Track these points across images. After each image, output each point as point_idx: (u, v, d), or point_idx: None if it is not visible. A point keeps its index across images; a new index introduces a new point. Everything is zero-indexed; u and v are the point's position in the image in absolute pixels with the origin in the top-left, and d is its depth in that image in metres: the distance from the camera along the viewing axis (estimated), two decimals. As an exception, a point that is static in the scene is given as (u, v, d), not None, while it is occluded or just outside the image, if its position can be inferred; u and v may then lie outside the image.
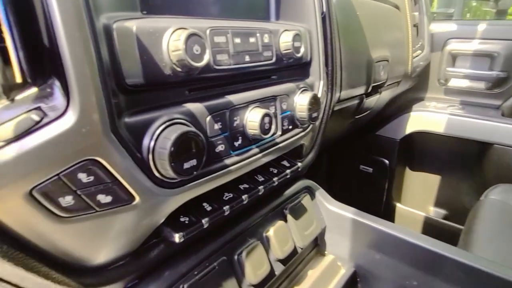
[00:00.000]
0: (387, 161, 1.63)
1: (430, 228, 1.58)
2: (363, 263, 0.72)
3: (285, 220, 0.65)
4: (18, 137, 0.29)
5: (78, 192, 0.33)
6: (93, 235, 0.37)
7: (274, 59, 0.54)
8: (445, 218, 1.60)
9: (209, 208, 0.50)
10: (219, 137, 0.45)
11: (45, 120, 0.30)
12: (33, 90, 0.30)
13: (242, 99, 0.49)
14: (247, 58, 0.49)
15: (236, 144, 0.49)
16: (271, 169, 0.63)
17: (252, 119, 0.49)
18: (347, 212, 0.70)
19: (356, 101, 1.04)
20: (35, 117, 0.30)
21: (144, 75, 0.37)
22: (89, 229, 0.36)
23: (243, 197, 0.53)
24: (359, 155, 1.72)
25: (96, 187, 0.34)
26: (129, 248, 0.42)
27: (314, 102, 0.60)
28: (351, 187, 1.75)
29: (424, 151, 1.60)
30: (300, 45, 0.57)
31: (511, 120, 1.28)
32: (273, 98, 0.55)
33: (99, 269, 0.40)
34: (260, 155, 0.53)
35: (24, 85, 0.30)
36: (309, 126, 0.65)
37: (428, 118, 1.46)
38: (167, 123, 0.38)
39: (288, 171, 0.64)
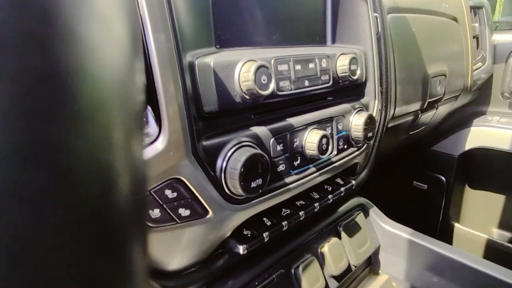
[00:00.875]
0: (443, 178, 1.55)
1: (493, 252, 1.46)
2: (419, 285, 0.70)
3: (339, 237, 0.67)
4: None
5: (165, 206, 0.38)
6: (172, 244, 0.42)
7: (331, 82, 0.57)
8: (511, 241, 1.47)
9: (269, 223, 0.53)
10: (281, 157, 0.49)
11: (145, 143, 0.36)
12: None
13: (302, 121, 0.52)
14: (306, 83, 0.52)
15: (296, 163, 0.52)
16: (325, 186, 0.65)
17: (310, 140, 0.52)
18: (403, 232, 0.69)
19: (411, 117, 1.02)
20: (134, 142, 0.36)
21: (219, 103, 0.41)
22: (169, 238, 0.41)
23: (300, 213, 0.56)
24: (413, 170, 1.65)
25: (178, 202, 0.39)
26: (200, 257, 0.46)
27: (370, 122, 0.62)
28: (404, 203, 1.69)
29: (486, 169, 1.50)
30: (356, 68, 0.59)
31: None
32: (329, 120, 0.57)
33: (175, 274, 0.45)
34: (317, 173, 0.55)
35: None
36: (363, 145, 0.66)
37: (490, 133, 1.37)
38: (237, 146, 0.43)
39: (342, 188, 0.65)
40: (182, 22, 0.39)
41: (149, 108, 0.36)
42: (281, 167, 0.49)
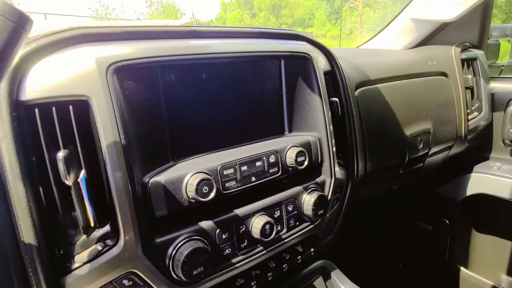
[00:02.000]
0: (447, 221, 1.56)
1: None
2: None
3: (295, 302, 0.76)
4: (90, 260, 0.49)
5: (122, 292, 0.51)
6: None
7: (280, 173, 0.68)
8: (519, 290, 1.44)
9: (223, 294, 0.64)
10: (226, 243, 0.61)
11: (105, 249, 0.50)
12: (99, 230, 0.50)
13: (248, 210, 0.64)
14: (253, 179, 0.64)
15: (242, 245, 0.63)
16: (284, 254, 0.75)
17: (255, 226, 0.63)
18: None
19: (390, 175, 1.09)
20: (99, 247, 0.50)
21: (168, 209, 0.54)
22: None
23: (252, 283, 0.67)
24: (418, 212, 1.67)
25: (134, 288, 0.52)
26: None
27: (319, 202, 0.71)
28: (409, 244, 1.70)
29: (491, 214, 1.49)
30: (304, 159, 0.69)
31: None
32: (278, 204, 0.68)
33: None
34: (264, 252, 0.66)
35: (94, 227, 0.50)
36: (317, 221, 0.75)
37: (491, 180, 1.37)
38: (184, 240, 0.55)
39: (299, 257, 0.75)
40: (139, 153, 0.53)
41: (109, 222, 0.50)
42: (227, 251, 0.61)
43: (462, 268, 1.56)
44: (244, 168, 0.63)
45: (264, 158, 0.65)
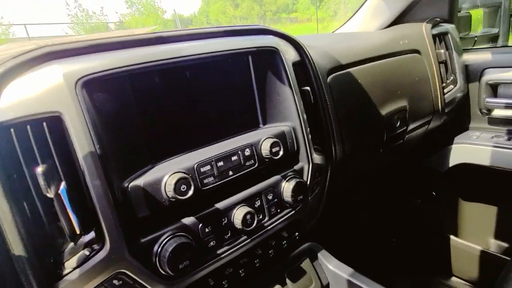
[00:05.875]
0: (434, 193, 1.61)
1: (489, 262, 1.50)
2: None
3: (284, 284, 0.80)
4: (79, 265, 0.52)
5: (114, 291, 0.55)
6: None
7: (256, 164, 0.71)
8: (507, 251, 1.50)
9: (212, 283, 0.68)
10: (210, 236, 0.64)
11: (92, 254, 0.53)
12: (85, 237, 0.53)
13: (229, 203, 0.67)
14: (230, 173, 0.67)
15: (226, 237, 0.67)
16: (270, 241, 0.79)
17: (237, 217, 0.66)
18: (343, 273, 0.81)
19: (370, 153, 1.13)
20: (86, 252, 0.53)
21: (150, 209, 0.57)
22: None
23: (240, 271, 0.71)
24: (407, 186, 1.72)
25: (124, 287, 0.55)
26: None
27: (298, 188, 0.75)
28: (400, 219, 1.76)
29: (475, 182, 1.54)
30: (279, 149, 0.72)
31: None
32: (258, 194, 0.72)
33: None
34: (249, 240, 0.70)
35: (80, 234, 0.53)
36: (298, 206, 0.79)
37: (471, 150, 1.42)
38: (169, 237, 0.58)
39: (284, 242, 0.79)
40: (117, 160, 0.56)
41: (95, 229, 0.53)
42: (212, 243, 0.65)
43: (452, 237, 1.62)
44: (221, 163, 0.66)
45: (239, 152, 0.68)
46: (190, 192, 0.58)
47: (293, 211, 0.78)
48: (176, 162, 0.63)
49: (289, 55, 0.83)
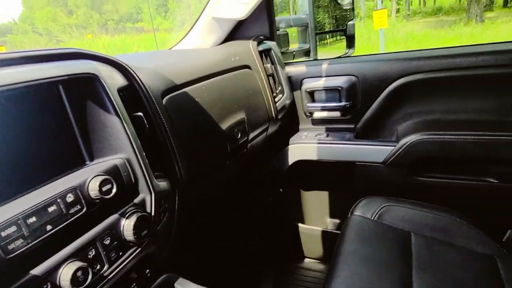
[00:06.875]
0: (281, 189, 1.81)
1: (329, 238, 1.80)
2: None
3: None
4: None
5: None
6: None
7: (84, 209, 0.62)
8: (340, 225, 1.83)
9: None
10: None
11: None
12: None
13: (51, 264, 0.56)
14: (49, 227, 0.56)
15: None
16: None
17: (63, 279, 0.56)
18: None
19: (218, 167, 1.17)
20: None
21: None
22: None
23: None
24: (258, 188, 1.87)
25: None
26: None
27: (139, 225, 0.69)
28: (259, 220, 1.90)
29: (310, 175, 1.81)
30: (111, 186, 0.65)
31: (362, 140, 1.53)
32: (92, 242, 0.63)
33: None
34: (87, 297, 0.60)
35: None
36: (144, 243, 0.74)
37: (303, 148, 1.66)
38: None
39: (133, 284, 0.72)
40: None
41: None
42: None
43: (300, 224, 1.87)
44: (33, 219, 0.54)
45: (58, 200, 0.58)
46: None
47: (139, 249, 0.72)
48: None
49: (114, 80, 0.76)
